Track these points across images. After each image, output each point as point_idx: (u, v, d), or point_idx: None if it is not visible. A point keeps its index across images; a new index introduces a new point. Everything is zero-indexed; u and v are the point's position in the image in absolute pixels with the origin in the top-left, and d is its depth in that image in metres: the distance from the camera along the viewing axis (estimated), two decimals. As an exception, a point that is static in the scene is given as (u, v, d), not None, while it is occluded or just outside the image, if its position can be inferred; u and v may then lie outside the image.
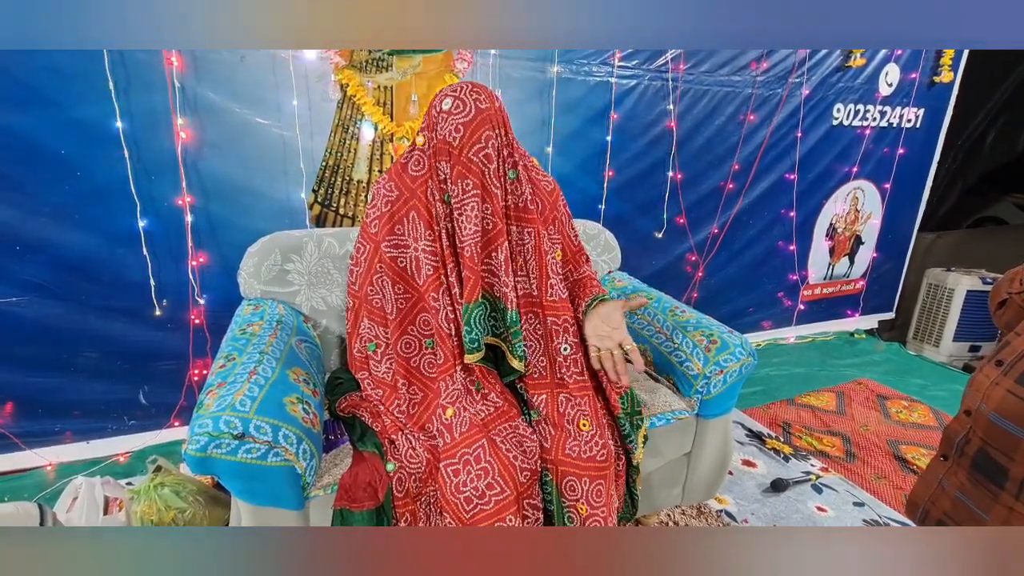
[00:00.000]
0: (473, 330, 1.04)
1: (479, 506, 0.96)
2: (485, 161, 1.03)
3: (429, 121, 1.08)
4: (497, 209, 1.06)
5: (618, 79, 2.13)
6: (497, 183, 1.06)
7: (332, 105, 1.78)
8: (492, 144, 1.04)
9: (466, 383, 1.08)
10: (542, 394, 1.12)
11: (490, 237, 1.07)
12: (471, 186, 1.03)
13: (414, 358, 1.14)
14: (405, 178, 1.12)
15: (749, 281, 2.83)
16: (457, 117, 1.02)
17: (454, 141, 1.03)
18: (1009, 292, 0.95)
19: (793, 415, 2.24)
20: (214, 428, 0.84)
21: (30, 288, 1.57)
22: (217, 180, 1.70)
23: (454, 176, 1.04)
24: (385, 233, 1.12)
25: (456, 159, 1.03)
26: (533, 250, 1.12)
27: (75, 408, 1.72)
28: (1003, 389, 0.79)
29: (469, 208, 1.03)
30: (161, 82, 1.56)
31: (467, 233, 1.04)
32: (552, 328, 1.13)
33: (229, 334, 1.16)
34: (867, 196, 3.01)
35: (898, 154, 2.95)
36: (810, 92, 2.55)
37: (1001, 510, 0.78)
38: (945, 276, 2.94)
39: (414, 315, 1.13)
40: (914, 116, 2.91)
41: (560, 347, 1.12)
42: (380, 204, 1.13)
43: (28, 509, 1.19)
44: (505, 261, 1.07)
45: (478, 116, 1.02)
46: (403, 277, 1.13)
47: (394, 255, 1.12)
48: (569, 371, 1.12)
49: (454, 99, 1.03)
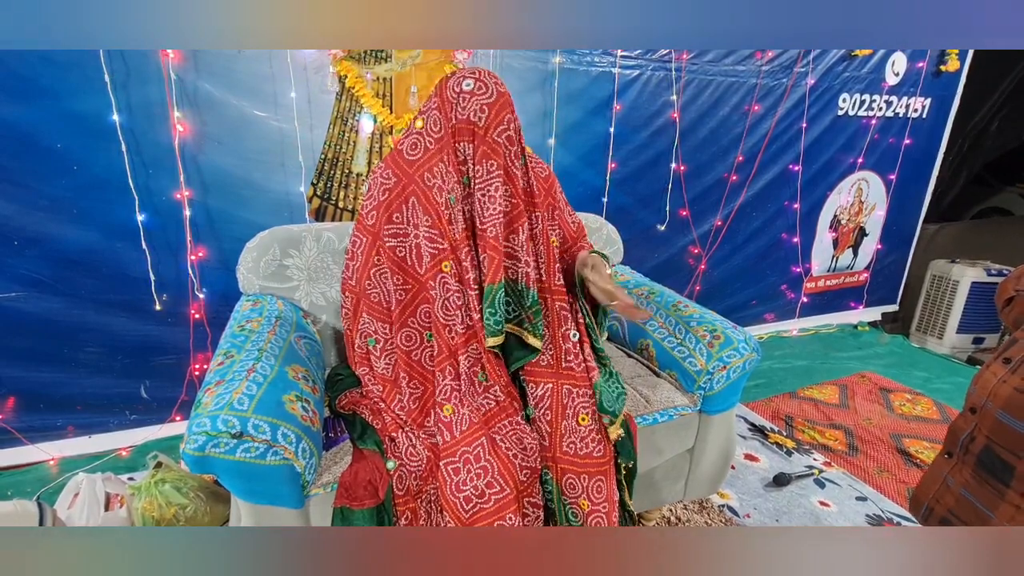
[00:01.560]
0: (497, 312, 1.03)
1: (479, 505, 0.96)
2: (507, 143, 1.03)
3: (444, 102, 1.05)
4: (518, 191, 1.06)
5: (621, 70, 2.10)
6: (517, 165, 1.06)
7: (331, 97, 1.76)
8: (513, 127, 1.04)
9: (470, 372, 1.06)
10: (547, 383, 1.09)
11: (511, 217, 1.07)
12: (495, 167, 1.02)
13: (415, 351, 1.12)
14: (402, 163, 1.10)
15: (752, 274, 2.81)
16: (481, 98, 1.01)
17: (479, 121, 1.01)
18: (1017, 289, 0.94)
19: (796, 408, 2.23)
20: (212, 427, 0.83)
21: (29, 283, 1.56)
22: (215, 173, 1.68)
23: (478, 157, 1.03)
24: (383, 223, 1.10)
25: (481, 139, 1.02)
26: (540, 234, 1.12)
27: (77, 403, 1.72)
28: (1010, 387, 0.78)
29: (493, 188, 1.03)
30: (158, 74, 1.54)
31: (490, 213, 1.03)
32: (561, 313, 1.12)
33: (227, 330, 1.15)
34: (871, 187, 2.98)
35: (902, 144, 2.91)
36: (815, 82, 2.51)
37: (1007, 508, 0.77)
38: (949, 267, 2.92)
39: (414, 307, 1.12)
40: (921, 106, 2.87)
41: (569, 333, 1.11)
42: (377, 193, 1.11)
43: (27, 507, 1.19)
44: (526, 242, 1.07)
45: (500, 99, 1.02)
46: (402, 268, 1.11)
47: (393, 245, 1.11)
48: (577, 359, 1.10)
49: (475, 80, 1.02)
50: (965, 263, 2.91)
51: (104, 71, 1.47)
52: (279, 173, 1.76)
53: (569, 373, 1.10)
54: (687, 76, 2.23)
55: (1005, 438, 0.78)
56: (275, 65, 1.66)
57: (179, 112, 1.58)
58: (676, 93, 2.23)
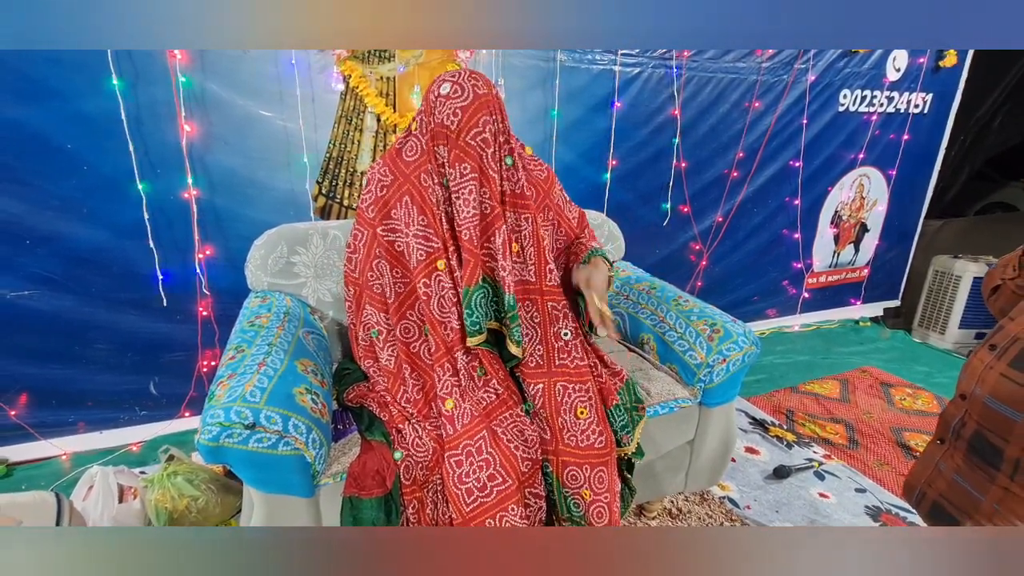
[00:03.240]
0: (474, 313, 1.05)
1: (479, 498, 0.98)
2: (482, 145, 1.04)
3: (426, 106, 1.08)
4: (495, 193, 1.07)
5: (621, 67, 2.12)
6: (494, 167, 1.07)
7: (335, 97, 1.78)
8: (489, 129, 1.04)
9: (468, 368, 1.09)
10: (539, 383, 1.11)
11: (488, 221, 1.08)
12: (468, 170, 1.04)
13: (414, 344, 1.15)
14: (400, 163, 1.13)
15: (753, 269, 2.83)
16: (455, 101, 1.02)
17: (452, 125, 1.03)
18: (1002, 278, 0.96)
19: (796, 403, 2.25)
20: (226, 418, 0.86)
21: (41, 281, 1.60)
22: (222, 172, 1.71)
23: (452, 159, 1.04)
24: (381, 217, 1.13)
25: (454, 143, 1.04)
26: (531, 236, 1.13)
27: (88, 399, 1.75)
28: (997, 373, 0.80)
29: (466, 191, 1.04)
30: (165, 75, 1.56)
31: (464, 216, 1.04)
32: (553, 313, 1.13)
33: (238, 326, 1.17)
34: (873, 183, 2.99)
35: (904, 140, 2.92)
36: (816, 78, 2.52)
37: (997, 490, 0.80)
38: (952, 263, 2.93)
39: (412, 300, 1.14)
40: (922, 101, 2.87)
41: (561, 332, 1.13)
42: (375, 189, 1.14)
43: (46, 498, 1.22)
44: (503, 245, 1.08)
45: (476, 101, 1.02)
46: (400, 261, 1.14)
47: (391, 239, 1.13)
48: (570, 356, 1.12)
49: (452, 84, 1.03)
50: (967, 258, 2.92)
51: (112, 73, 1.50)
52: (284, 172, 1.79)
53: (562, 370, 1.11)
54: (688, 73, 2.25)
55: (993, 423, 0.80)
56: (280, 65, 1.68)
57: (186, 112, 1.60)
58: (677, 90, 2.25)
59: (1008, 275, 0.95)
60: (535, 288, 1.14)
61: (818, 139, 2.68)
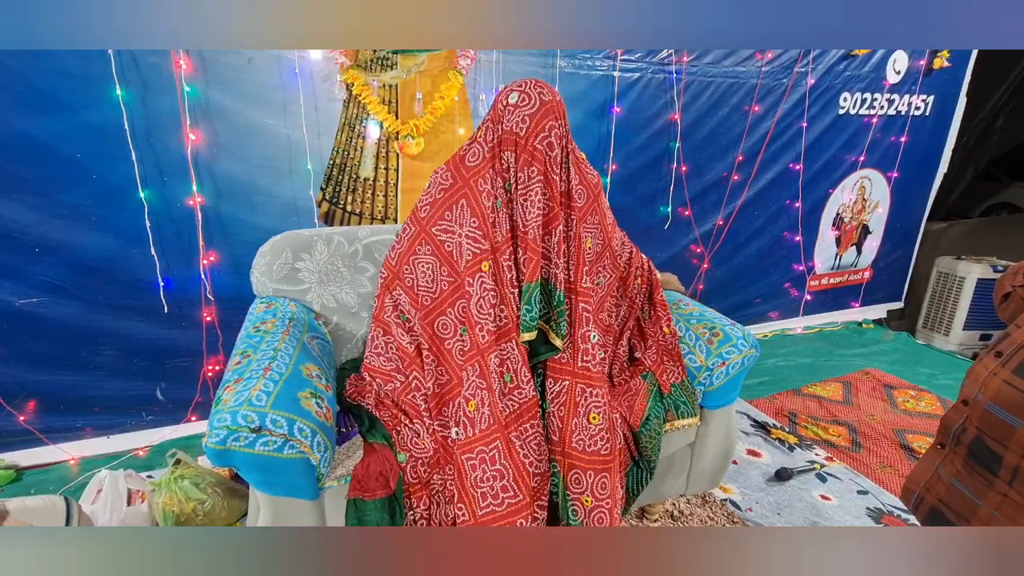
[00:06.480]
0: (533, 308, 1.10)
1: (492, 506, 1.01)
2: (548, 149, 1.10)
3: (494, 115, 1.14)
4: (556, 195, 1.13)
5: (621, 73, 2.14)
6: (557, 170, 1.13)
7: (338, 104, 1.80)
8: (555, 133, 1.11)
9: (497, 372, 1.08)
10: (564, 379, 1.14)
11: (547, 220, 1.13)
12: (535, 173, 1.10)
13: (448, 340, 1.18)
14: (462, 169, 1.18)
15: (755, 272, 2.84)
16: (523, 109, 1.10)
17: (520, 131, 1.10)
18: (1013, 285, 0.96)
19: (799, 405, 2.25)
20: (232, 422, 0.88)
21: (49, 288, 1.62)
22: (227, 180, 1.73)
23: (520, 164, 1.11)
24: (437, 218, 1.19)
25: (522, 148, 1.10)
26: (575, 237, 1.18)
27: (95, 404, 1.77)
28: (1000, 379, 0.80)
29: (533, 194, 1.10)
30: (170, 85, 1.59)
31: (531, 217, 1.10)
32: (583, 314, 1.16)
33: (243, 331, 1.19)
34: (874, 185, 2.99)
35: (903, 142, 2.92)
36: (816, 81, 2.53)
37: (995, 496, 0.80)
38: (955, 264, 2.92)
39: (455, 299, 1.17)
40: (922, 103, 2.88)
41: (589, 334, 1.15)
42: (434, 191, 1.21)
43: (55, 502, 1.24)
44: (558, 244, 1.14)
45: (542, 108, 1.10)
46: (449, 261, 1.18)
47: (443, 239, 1.19)
48: (594, 360, 1.15)
49: (520, 93, 1.11)
50: (971, 259, 2.91)
51: (117, 83, 1.52)
52: (288, 179, 1.81)
53: (585, 372, 1.14)
54: (687, 77, 2.26)
55: (994, 429, 0.80)
56: (283, 74, 1.71)
57: (191, 121, 1.63)
58: (676, 95, 2.26)
59: (1018, 282, 0.94)
60: (572, 288, 1.18)
61: (818, 142, 2.69)
